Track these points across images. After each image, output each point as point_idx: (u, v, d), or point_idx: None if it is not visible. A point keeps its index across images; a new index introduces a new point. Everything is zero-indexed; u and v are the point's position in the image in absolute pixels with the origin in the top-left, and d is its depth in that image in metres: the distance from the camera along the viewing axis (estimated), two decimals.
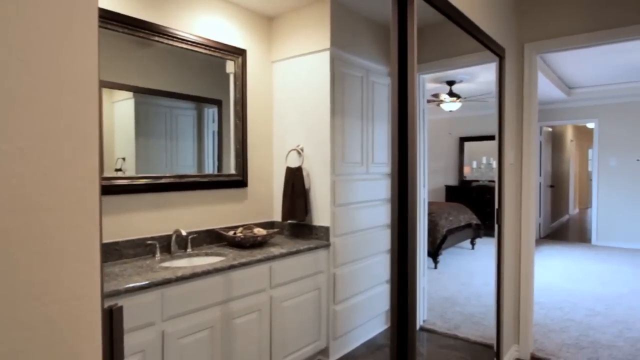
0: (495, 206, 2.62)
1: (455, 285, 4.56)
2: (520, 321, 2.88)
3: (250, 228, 2.69)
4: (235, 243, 2.49)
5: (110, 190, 2.09)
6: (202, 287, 1.97)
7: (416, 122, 1.54)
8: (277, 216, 3.02)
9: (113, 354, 0.65)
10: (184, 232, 2.27)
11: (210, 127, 2.66)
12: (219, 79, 2.69)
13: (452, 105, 5.46)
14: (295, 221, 2.86)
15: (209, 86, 2.62)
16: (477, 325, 3.43)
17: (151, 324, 1.77)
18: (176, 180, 2.40)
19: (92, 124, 0.60)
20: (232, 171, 2.75)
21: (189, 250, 2.40)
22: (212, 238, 2.60)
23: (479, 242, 6.59)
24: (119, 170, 2.17)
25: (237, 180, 2.76)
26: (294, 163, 2.89)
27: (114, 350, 0.65)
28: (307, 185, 2.84)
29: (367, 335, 3.14)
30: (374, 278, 3.17)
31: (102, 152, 2.08)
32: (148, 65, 2.28)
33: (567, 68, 5.39)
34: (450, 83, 5.32)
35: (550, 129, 7.91)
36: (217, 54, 2.62)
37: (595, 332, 3.28)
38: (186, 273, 1.90)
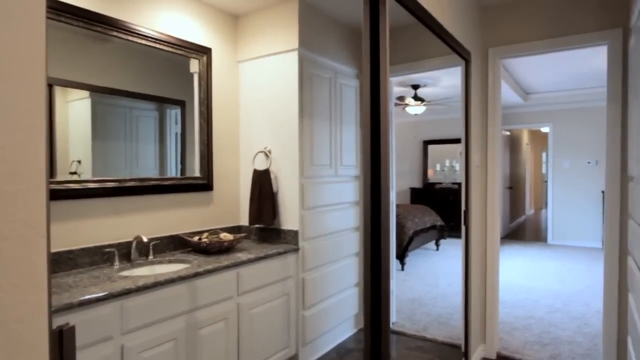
0: (461, 208, 2.66)
1: (422, 287, 4.62)
2: (486, 321, 2.93)
3: (216, 233, 2.59)
4: (201, 249, 2.39)
5: (64, 195, 1.94)
6: (165, 296, 1.86)
7: (389, 124, 1.52)
8: (244, 220, 2.93)
9: None
10: (145, 239, 2.14)
11: (173, 128, 2.54)
12: (183, 79, 2.58)
13: (417, 108, 5.55)
14: (263, 225, 2.79)
15: (171, 86, 2.51)
16: (444, 325, 3.47)
17: (109, 339, 1.64)
18: (137, 183, 2.27)
19: (38, 122, 0.52)
20: (197, 174, 2.65)
21: (151, 257, 2.27)
22: (175, 244, 2.48)
23: (444, 243, 6.73)
24: (74, 174, 2.03)
25: (202, 183, 2.66)
26: (261, 165, 2.82)
27: None
28: (275, 188, 2.78)
29: (337, 340, 3.11)
30: (343, 281, 3.14)
31: (53, 153, 1.94)
32: (106, 63, 2.15)
33: (524, 74, 5.61)
34: (415, 87, 5.41)
35: (508, 133, 8.21)
36: (180, 52, 2.51)
37: (555, 329, 3.39)
38: (148, 282, 1.79)
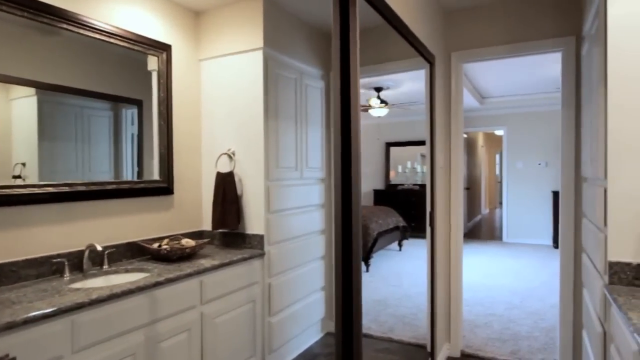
0: (423, 208, 2.68)
1: (386, 288, 4.65)
2: (451, 320, 2.98)
3: (177, 239, 2.47)
4: (161, 256, 2.26)
5: (5, 201, 1.77)
6: (122, 309, 1.74)
7: (359, 125, 1.49)
8: (207, 225, 2.81)
9: None
10: (99, 247, 1.99)
11: (129, 129, 2.40)
12: (140, 77, 2.44)
13: (380, 111, 5.60)
14: (227, 230, 2.69)
15: (127, 84, 2.36)
16: (410, 326, 3.50)
17: (59, 359, 1.50)
18: (89, 188, 2.11)
19: None
20: (156, 177, 2.51)
21: (106, 267, 2.12)
22: (133, 252, 2.34)
23: (406, 243, 6.84)
24: (18, 178, 1.85)
25: (162, 187, 2.53)
26: (224, 168, 2.72)
27: None
28: (239, 192, 2.69)
29: (304, 346, 3.05)
30: (310, 286, 3.09)
31: None
32: (54, 58, 1.99)
33: (481, 79, 5.81)
34: (378, 89, 5.46)
35: (465, 135, 8.49)
36: (137, 48, 2.37)
37: (514, 325, 3.51)
38: (102, 294, 1.65)
